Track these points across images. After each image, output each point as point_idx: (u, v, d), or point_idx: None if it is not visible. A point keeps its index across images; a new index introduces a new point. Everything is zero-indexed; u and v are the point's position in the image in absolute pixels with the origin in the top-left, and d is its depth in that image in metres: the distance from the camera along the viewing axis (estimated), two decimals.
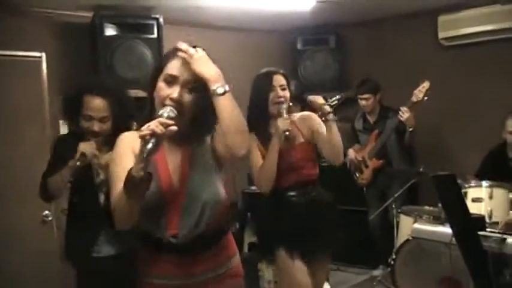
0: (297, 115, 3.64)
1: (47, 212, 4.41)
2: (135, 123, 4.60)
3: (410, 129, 5.37)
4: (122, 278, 3.02)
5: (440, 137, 6.00)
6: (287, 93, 3.48)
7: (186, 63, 2.11)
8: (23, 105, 4.50)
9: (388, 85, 5.81)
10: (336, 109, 4.10)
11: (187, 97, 2.12)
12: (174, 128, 1.95)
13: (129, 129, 3.33)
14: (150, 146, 1.88)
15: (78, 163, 2.97)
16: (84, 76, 4.55)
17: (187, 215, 2.19)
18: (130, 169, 1.94)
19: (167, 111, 2.01)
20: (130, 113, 3.22)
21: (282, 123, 3.35)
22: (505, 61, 5.57)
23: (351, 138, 5.91)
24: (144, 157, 1.89)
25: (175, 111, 2.03)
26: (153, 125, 1.89)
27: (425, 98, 5.18)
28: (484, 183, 4.57)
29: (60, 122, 4.47)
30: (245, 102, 3.54)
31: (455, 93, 5.48)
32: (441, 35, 5.88)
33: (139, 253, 2.35)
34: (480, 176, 4.86)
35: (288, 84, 3.52)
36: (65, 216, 3.27)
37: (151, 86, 2.18)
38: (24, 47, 4.49)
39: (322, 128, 3.51)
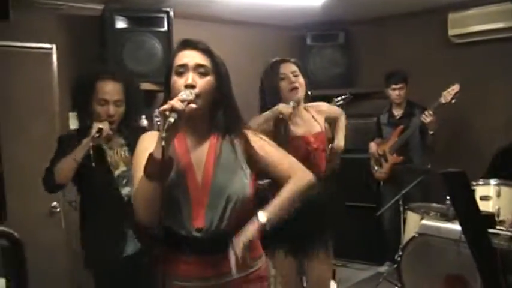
0: (313, 104, 3.61)
1: (54, 203, 4.42)
2: (144, 117, 4.68)
3: (431, 133, 5.37)
4: (148, 272, 3.05)
5: (450, 135, 5.99)
6: (301, 79, 3.42)
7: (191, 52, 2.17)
8: (33, 97, 4.51)
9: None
10: (345, 106, 4.11)
11: (201, 81, 2.14)
12: (194, 105, 2.03)
13: (139, 117, 3.34)
14: (171, 119, 1.91)
15: (96, 136, 2.96)
16: (95, 61, 4.58)
17: (212, 209, 2.16)
18: (152, 151, 1.97)
19: (186, 94, 2.05)
20: (141, 98, 3.24)
21: (282, 106, 3.29)
22: None
23: (374, 131, 5.93)
24: (165, 131, 1.90)
25: (194, 94, 2.07)
26: (173, 101, 1.96)
27: (453, 100, 5.16)
28: (492, 181, 4.57)
29: (70, 114, 4.46)
30: (254, 96, 3.54)
31: (465, 90, 5.45)
32: (451, 32, 5.87)
33: (160, 253, 2.27)
34: (490, 173, 4.86)
35: (301, 71, 3.45)
36: (73, 208, 3.26)
37: (168, 86, 2.21)
38: (34, 39, 4.51)
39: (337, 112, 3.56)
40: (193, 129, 2.25)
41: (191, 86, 2.11)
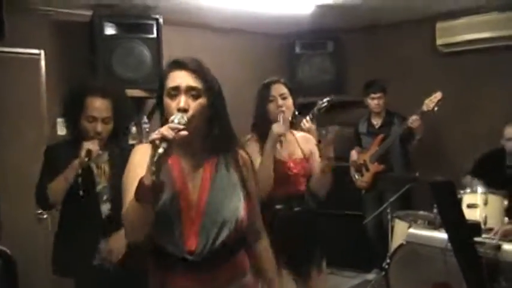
0: (300, 133, 3.64)
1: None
2: (133, 124, 4.68)
3: (418, 138, 5.41)
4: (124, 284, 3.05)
5: (437, 143, 6.02)
6: (288, 102, 3.44)
7: (184, 73, 2.14)
8: (21, 103, 4.49)
9: (387, 91, 5.82)
10: (334, 113, 4.12)
11: (193, 104, 2.11)
12: (185, 132, 1.97)
13: (127, 130, 3.36)
14: (160, 150, 1.88)
15: (85, 159, 2.98)
16: (83, 76, 4.54)
17: (205, 233, 2.15)
18: (142, 176, 1.94)
19: (178, 117, 2.01)
20: (130, 113, 3.25)
21: (276, 128, 3.33)
22: (501, 68, 5.60)
23: (353, 141, 5.94)
24: (155, 161, 1.89)
25: (185, 118, 2.03)
26: (163, 130, 1.92)
27: (436, 108, 5.20)
28: (479, 189, 4.60)
29: (58, 120, 4.45)
30: (242, 103, 3.55)
31: (453, 99, 5.49)
32: (439, 41, 5.91)
33: (151, 269, 2.29)
34: (474, 174, 4.91)
35: (290, 92, 3.48)
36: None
37: (161, 106, 2.20)
38: (22, 45, 4.48)
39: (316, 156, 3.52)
40: (188, 150, 2.22)
41: (184, 110, 2.08)
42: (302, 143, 3.56)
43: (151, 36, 4.88)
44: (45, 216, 4.43)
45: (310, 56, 6.50)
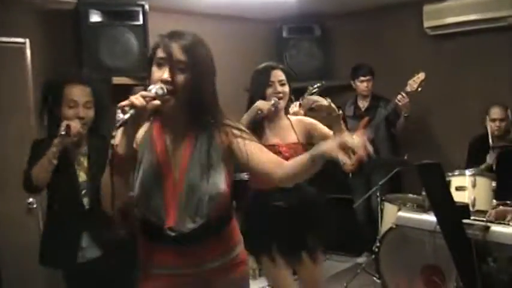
0: (296, 117, 3.63)
1: (31, 199, 4.38)
2: (119, 111, 4.65)
3: (406, 115, 5.44)
4: (110, 277, 3.06)
5: (425, 125, 6.04)
6: (286, 88, 3.45)
7: (175, 44, 2.14)
8: (7, 93, 4.45)
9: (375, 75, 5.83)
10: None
11: (180, 77, 2.10)
12: (157, 102, 2.00)
13: (107, 121, 3.34)
14: (126, 116, 1.92)
15: (63, 134, 2.93)
16: (67, 64, 4.52)
17: (184, 208, 2.18)
18: (114, 146, 1.99)
19: (156, 88, 2.04)
20: (108, 102, 3.23)
21: (260, 103, 3.33)
22: (488, 50, 5.63)
23: None
24: (117, 126, 1.93)
25: (165, 90, 2.05)
26: (133, 97, 1.95)
27: (419, 89, 5.21)
28: (468, 171, 4.63)
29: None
30: (229, 89, 3.54)
31: (440, 82, 5.51)
32: (426, 24, 5.91)
33: (138, 243, 2.35)
34: (469, 162, 4.95)
35: (288, 79, 3.49)
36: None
37: (148, 76, 2.19)
38: (7, 33, 4.44)
39: (325, 129, 3.49)
40: (172, 126, 2.24)
41: (166, 82, 2.08)
42: (297, 127, 3.53)
43: (137, 23, 4.84)
44: (35, 206, 4.42)
45: (297, 41, 6.48)
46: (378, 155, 5.60)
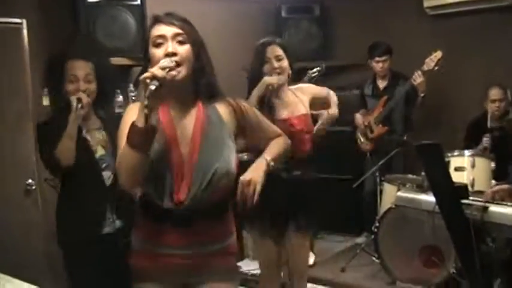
0: (296, 86, 3.61)
1: (30, 180, 4.37)
2: (119, 92, 4.64)
3: (422, 95, 5.37)
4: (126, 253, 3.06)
5: (426, 106, 6.03)
6: (284, 63, 3.44)
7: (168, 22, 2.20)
8: (4, 74, 4.42)
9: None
10: (321, 78, 4.10)
11: (181, 48, 2.17)
12: (174, 73, 2.09)
13: (112, 96, 3.32)
14: (152, 87, 1.95)
15: (79, 107, 2.96)
16: (65, 42, 4.49)
17: (197, 184, 2.21)
18: (134, 120, 2.01)
19: (166, 61, 2.10)
20: (114, 77, 3.22)
21: (268, 79, 3.35)
22: (488, 30, 5.59)
23: (358, 103, 5.92)
24: (146, 99, 1.95)
25: (174, 62, 2.12)
26: (153, 69, 2.01)
27: (436, 67, 5.18)
28: (467, 152, 4.64)
29: (44, 90, 4.39)
30: (230, 69, 3.52)
31: (442, 62, 5.48)
32: (426, 3, 5.87)
33: (140, 223, 2.37)
34: (467, 143, 4.95)
35: (286, 53, 3.47)
36: (50, 186, 3.23)
37: (146, 59, 2.25)
38: (3, 14, 4.39)
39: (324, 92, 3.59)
40: (177, 100, 2.27)
41: (172, 54, 2.14)
42: (303, 98, 3.55)
43: (135, 3, 4.79)
44: (34, 187, 4.41)
45: (296, 20, 6.43)
46: (395, 133, 5.58)
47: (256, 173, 2.27)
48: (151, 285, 2.31)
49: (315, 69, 4.15)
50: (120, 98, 4.70)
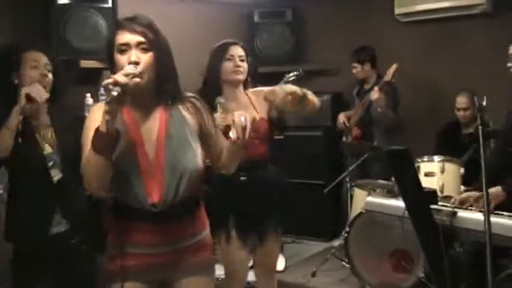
0: (252, 90, 3.59)
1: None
2: (89, 95, 4.60)
3: (379, 110, 5.34)
4: (76, 252, 3.02)
5: (398, 111, 6.08)
6: (245, 65, 3.40)
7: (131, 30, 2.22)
8: None
9: (345, 60, 5.84)
10: (293, 83, 4.10)
11: (144, 56, 2.21)
12: (138, 79, 2.12)
13: (64, 93, 3.27)
14: (113, 93, 1.98)
15: (26, 105, 2.86)
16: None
17: (168, 184, 2.26)
18: (99, 125, 2.04)
19: (130, 68, 2.13)
20: (67, 74, 3.18)
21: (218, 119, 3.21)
22: (459, 38, 5.66)
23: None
24: (107, 105, 1.98)
25: (138, 69, 2.15)
26: (116, 75, 2.04)
27: (393, 80, 5.21)
28: (436, 158, 4.68)
29: None
30: (200, 73, 3.50)
31: (412, 68, 5.54)
32: (397, 11, 5.92)
33: (111, 223, 2.38)
34: (438, 149, 4.99)
35: (247, 56, 3.44)
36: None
37: (111, 64, 2.28)
38: None
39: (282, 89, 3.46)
40: (141, 103, 2.31)
41: (135, 63, 2.17)
42: (256, 102, 3.48)
43: (106, 5, 4.76)
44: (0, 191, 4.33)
45: (269, 25, 6.45)
46: (373, 136, 5.58)
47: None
48: (128, 285, 2.32)
49: (292, 73, 4.15)
50: (91, 101, 4.66)
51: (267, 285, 3.68)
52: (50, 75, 3.05)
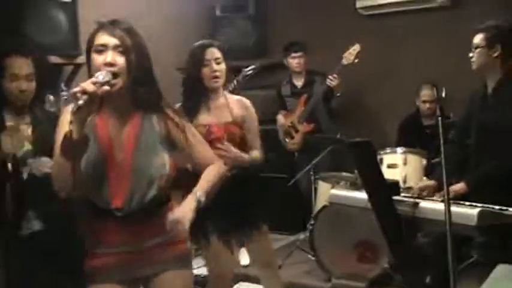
0: (237, 97, 3.58)
1: None
2: (51, 92, 4.52)
3: (338, 95, 5.47)
4: (52, 251, 2.98)
5: (359, 103, 6.13)
6: (222, 66, 3.39)
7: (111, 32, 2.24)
8: None
9: (308, 53, 5.85)
10: (256, 76, 4.11)
11: (120, 59, 2.22)
12: (107, 88, 2.10)
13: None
14: (80, 102, 1.98)
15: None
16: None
17: (133, 190, 2.29)
18: (67, 131, 2.04)
19: (103, 74, 2.12)
20: (52, 73, 3.15)
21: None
22: (419, 31, 5.74)
23: (277, 104, 5.94)
24: (74, 112, 2.00)
25: (111, 75, 2.14)
26: (85, 83, 2.04)
27: (356, 60, 5.26)
28: (399, 149, 4.74)
29: None
30: (163, 67, 3.47)
31: (374, 60, 5.59)
32: (358, 4, 5.98)
33: (83, 223, 2.43)
34: (400, 141, 5.06)
35: (224, 56, 3.43)
36: None
37: (88, 64, 2.29)
38: None
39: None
40: (115, 108, 2.33)
41: (110, 65, 2.18)
42: (234, 107, 3.48)
43: (67, 0, 4.69)
44: None
45: (231, 19, 6.44)
46: (321, 129, 5.64)
47: (183, 212, 2.31)
48: (103, 286, 2.35)
49: (249, 68, 4.16)
50: (51, 97, 4.58)
51: (269, 283, 3.69)
52: (31, 85, 3.04)
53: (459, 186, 3.37)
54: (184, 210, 2.31)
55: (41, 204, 3.00)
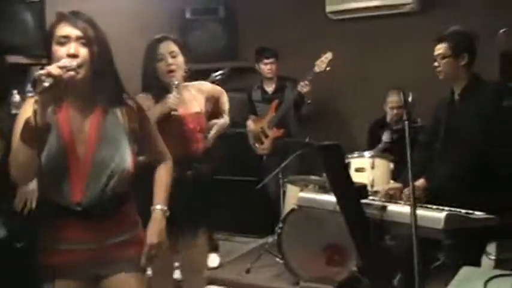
0: (194, 83, 3.57)
1: None
2: (16, 92, 4.46)
3: (309, 102, 5.49)
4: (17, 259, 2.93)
5: (330, 108, 6.15)
6: (179, 60, 3.34)
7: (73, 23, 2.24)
8: None
9: (279, 58, 5.84)
10: (227, 80, 4.11)
11: (83, 51, 2.22)
12: (72, 73, 2.11)
13: (7, 94, 3.20)
14: (45, 84, 1.96)
15: None
16: None
17: (93, 184, 2.28)
18: (28, 116, 2.02)
19: (68, 61, 2.14)
20: (9, 74, 3.11)
21: (172, 100, 3.24)
22: (389, 35, 5.79)
23: (247, 109, 5.94)
24: (38, 93, 1.98)
25: (75, 63, 2.15)
26: (50, 67, 2.04)
27: (328, 68, 5.29)
28: (367, 153, 4.78)
29: None
30: (131, 70, 3.44)
31: (345, 65, 5.61)
32: (328, 8, 6.01)
33: (43, 220, 2.37)
34: (370, 144, 5.10)
35: (181, 49, 3.39)
36: None
37: (48, 55, 2.28)
38: None
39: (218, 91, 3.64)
40: (77, 100, 2.31)
41: (73, 56, 2.18)
42: (198, 97, 3.49)
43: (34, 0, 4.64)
44: None
45: (201, 22, 6.43)
46: (290, 135, 5.66)
47: (159, 234, 2.51)
48: (61, 282, 2.31)
49: (218, 72, 4.15)
50: (17, 98, 4.52)
51: (197, 279, 3.64)
52: None
53: (420, 182, 3.41)
54: (158, 233, 2.50)
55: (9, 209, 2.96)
